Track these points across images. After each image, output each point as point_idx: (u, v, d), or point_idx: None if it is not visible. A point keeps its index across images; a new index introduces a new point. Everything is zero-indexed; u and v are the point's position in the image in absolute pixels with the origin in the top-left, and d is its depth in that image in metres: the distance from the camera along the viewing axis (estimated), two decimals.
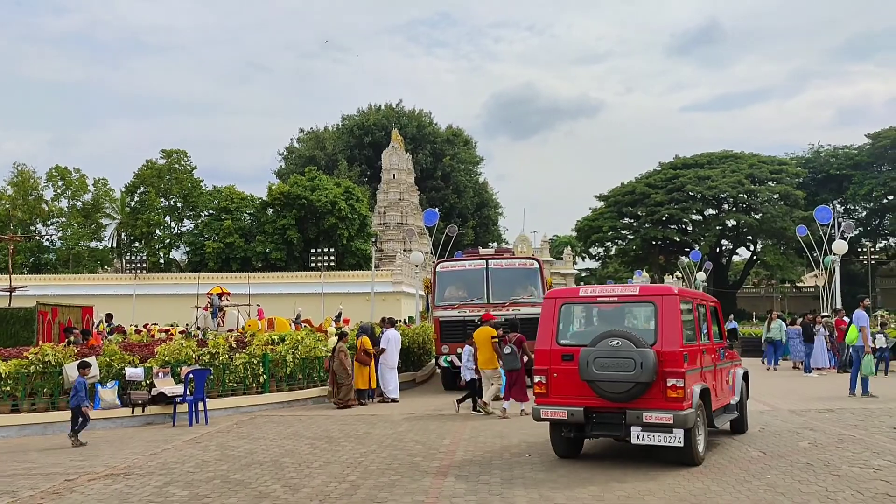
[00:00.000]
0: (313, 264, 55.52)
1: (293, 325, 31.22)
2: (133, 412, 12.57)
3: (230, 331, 27.39)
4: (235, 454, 9.42)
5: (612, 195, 70.97)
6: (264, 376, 14.25)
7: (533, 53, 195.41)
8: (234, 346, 14.44)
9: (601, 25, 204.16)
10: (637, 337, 7.98)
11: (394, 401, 15.12)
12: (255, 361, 14.17)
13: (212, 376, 13.28)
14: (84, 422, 10.66)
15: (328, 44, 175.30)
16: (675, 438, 7.74)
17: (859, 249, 62.48)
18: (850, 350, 20.68)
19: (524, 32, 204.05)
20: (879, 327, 20.38)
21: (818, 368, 19.93)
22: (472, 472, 8.02)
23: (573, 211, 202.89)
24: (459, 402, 13.30)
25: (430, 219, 29.15)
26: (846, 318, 20.90)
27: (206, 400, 12.66)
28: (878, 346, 20.51)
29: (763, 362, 23.12)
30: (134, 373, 12.85)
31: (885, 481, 7.12)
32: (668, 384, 7.78)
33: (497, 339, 12.75)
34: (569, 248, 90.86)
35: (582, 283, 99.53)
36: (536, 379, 8.62)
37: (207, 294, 33.55)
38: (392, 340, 15.47)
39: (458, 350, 16.23)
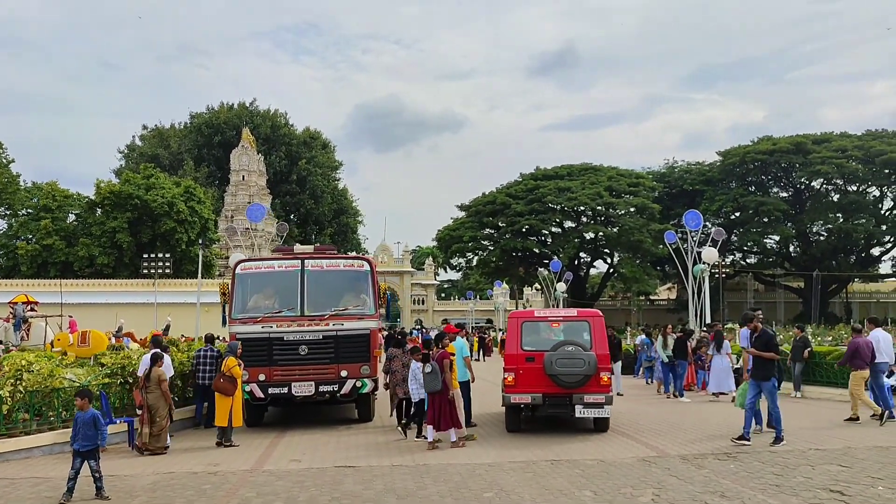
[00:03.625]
0: (146, 271, 49.89)
1: (113, 338, 27.07)
2: None
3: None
4: None
5: (474, 205, 68.94)
6: None
7: (400, 67, 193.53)
8: None
9: (467, 43, 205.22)
10: (583, 344, 11.29)
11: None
12: None
13: None
14: None
15: (188, 48, 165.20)
16: (605, 412, 11.35)
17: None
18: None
19: (392, 45, 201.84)
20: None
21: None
22: None
23: (437, 223, 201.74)
24: (405, 426, 11.93)
25: (254, 215, 24.80)
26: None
27: None
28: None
29: (648, 382, 20.86)
30: None
31: None
32: (602, 376, 11.16)
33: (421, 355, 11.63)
34: (430, 258, 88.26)
35: (443, 294, 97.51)
36: (507, 375, 11.42)
37: (10, 303, 30.49)
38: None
39: (261, 376, 12.48)
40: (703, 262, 23.57)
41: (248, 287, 13.16)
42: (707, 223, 68.78)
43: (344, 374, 12.54)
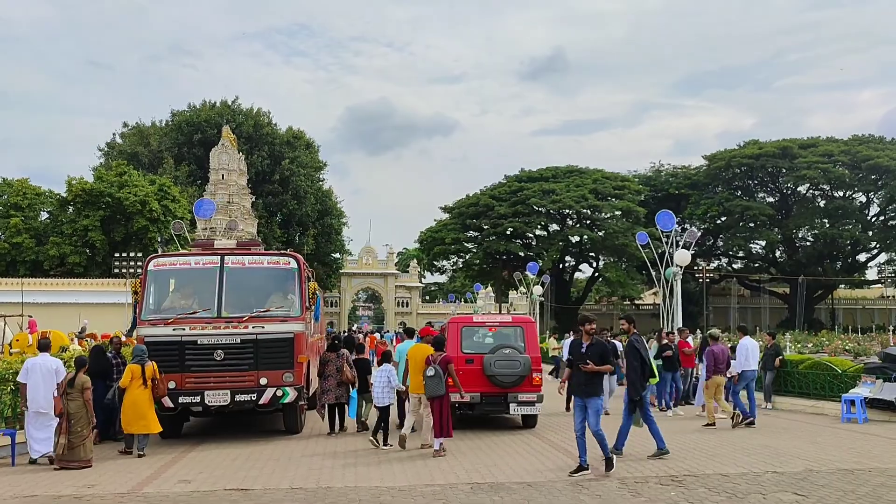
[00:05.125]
0: (118, 270, 48.63)
1: (76, 339, 25.94)
2: None
3: None
4: None
5: (457, 207, 67.82)
6: None
7: (391, 70, 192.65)
8: None
9: (458, 47, 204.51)
10: (518, 347, 12.54)
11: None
12: None
13: None
14: None
15: (178, 48, 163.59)
16: (536, 409, 12.60)
17: (694, 268, 62.46)
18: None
19: (384, 48, 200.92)
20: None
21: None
22: None
23: (426, 226, 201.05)
24: (374, 434, 11.15)
25: (203, 211, 23.59)
26: (690, 340, 17.71)
27: None
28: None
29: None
30: None
31: None
32: (534, 376, 12.34)
33: None
34: (415, 261, 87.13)
35: (427, 296, 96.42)
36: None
37: None
38: (40, 371, 10.10)
39: (171, 383, 11.31)
40: (676, 265, 22.55)
41: (161, 285, 12.03)
42: (693, 227, 68.19)
43: (263, 381, 11.37)
